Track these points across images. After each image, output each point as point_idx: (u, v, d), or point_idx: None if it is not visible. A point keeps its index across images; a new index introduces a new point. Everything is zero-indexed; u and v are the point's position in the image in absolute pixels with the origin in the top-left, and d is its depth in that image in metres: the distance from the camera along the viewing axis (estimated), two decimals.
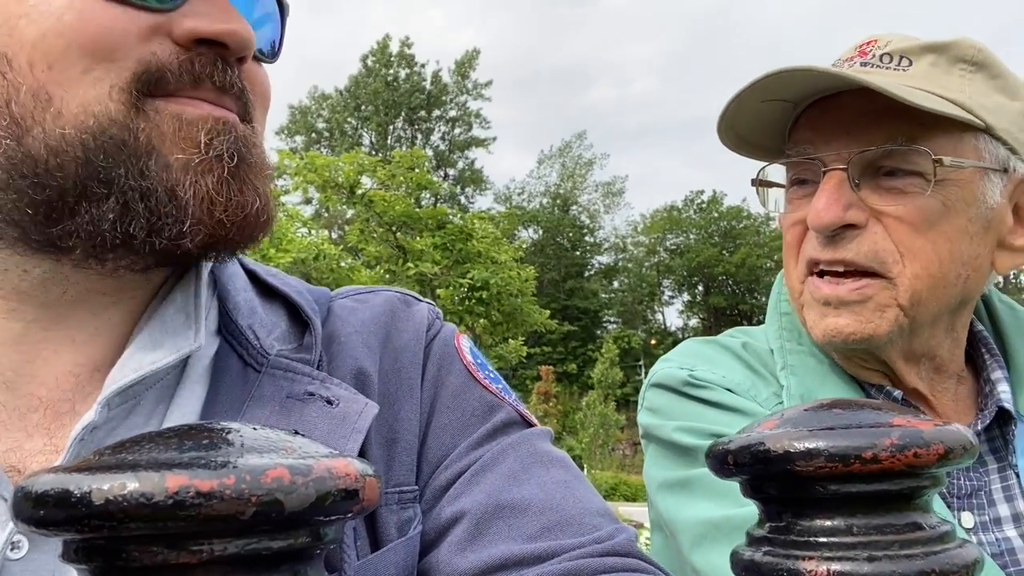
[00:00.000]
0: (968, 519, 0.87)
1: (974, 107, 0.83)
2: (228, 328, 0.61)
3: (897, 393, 0.92)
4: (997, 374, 0.93)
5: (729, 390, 0.92)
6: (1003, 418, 0.91)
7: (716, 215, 50.71)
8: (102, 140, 0.49)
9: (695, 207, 51.83)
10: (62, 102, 0.48)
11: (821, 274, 0.88)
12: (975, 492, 0.89)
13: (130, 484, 0.20)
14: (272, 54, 0.62)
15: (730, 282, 49.49)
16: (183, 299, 0.59)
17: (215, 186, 0.52)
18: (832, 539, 0.27)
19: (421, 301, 0.73)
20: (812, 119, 0.89)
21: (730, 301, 49.27)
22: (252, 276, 0.68)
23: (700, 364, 0.96)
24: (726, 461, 0.29)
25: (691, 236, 50.73)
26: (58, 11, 0.48)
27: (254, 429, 0.24)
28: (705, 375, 0.94)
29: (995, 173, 0.85)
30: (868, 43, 0.90)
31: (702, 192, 52.25)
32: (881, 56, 0.88)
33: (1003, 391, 0.91)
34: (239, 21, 0.53)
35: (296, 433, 0.26)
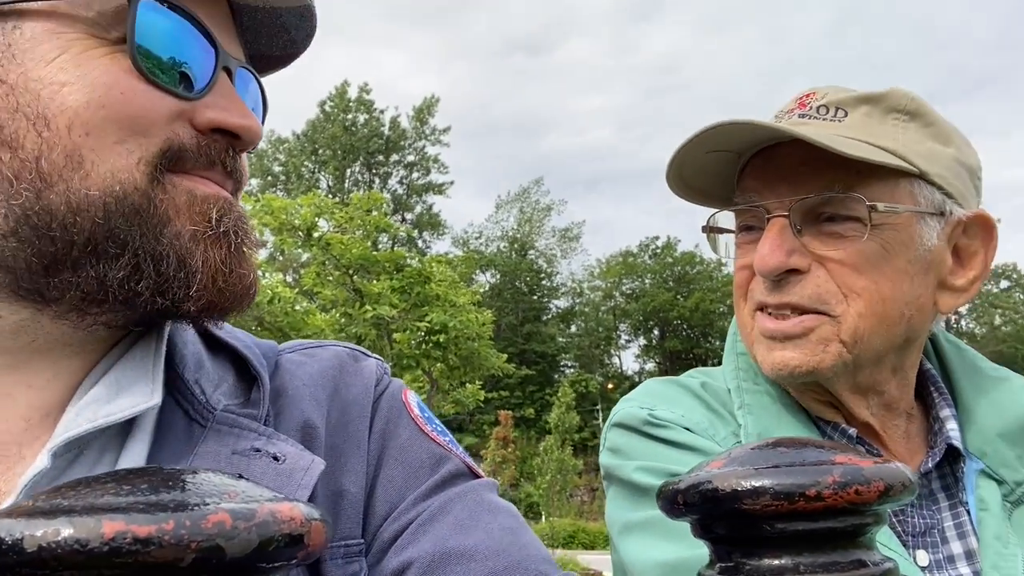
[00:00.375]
0: (923, 557, 0.88)
1: (908, 154, 0.86)
2: (174, 382, 0.61)
3: (852, 431, 0.93)
4: (945, 412, 0.95)
5: (688, 429, 0.93)
6: (953, 455, 0.92)
7: (670, 260, 51.69)
8: (123, 205, 0.52)
9: (649, 252, 52.77)
10: (92, 166, 0.52)
11: (768, 313, 0.90)
12: (928, 530, 0.90)
13: (64, 530, 0.19)
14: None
15: (685, 326, 50.20)
16: (143, 354, 0.59)
17: (223, 259, 0.57)
18: None
19: (370, 356, 0.75)
20: (756, 168, 0.92)
21: (685, 345, 49.89)
22: (200, 328, 0.69)
23: (660, 404, 0.97)
24: (676, 501, 0.30)
25: (646, 281, 51.51)
26: (103, 86, 0.52)
27: (196, 473, 0.23)
28: (665, 415, 0.94)
29: (931, 217, 0.88)
30: (807, 95, 0.94)
31: (656, 238, 53.36)
32: (818, 108, 0.91)
33: (952, 429, 0.93)
34: (252, 118, 0.59)
35: (240, 477, 0.25)
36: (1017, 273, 46.88)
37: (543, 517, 27.10)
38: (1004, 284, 46.94)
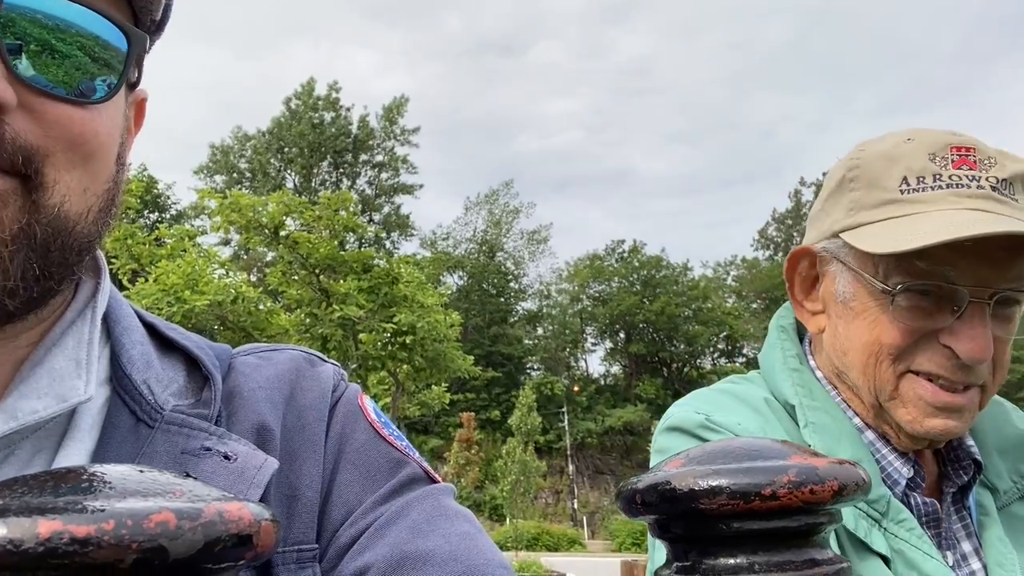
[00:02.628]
0: (950, 558, 0.96)
1: None
2: (121, 382, 0.60)
3: (909, 453, 0.98)
4: None
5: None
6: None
7: (636, 264, 52.08)
8: None
9: (616, 256, 53.12)
10: None
11: (928, 377, 0.91)
12: (951, 535, 0.98)
13: None
14: (88, 95, 0.53)
15: (650, 330, 50.62)
16: (75, 345, 0.57)
17: None
18: None
19: (326, 361, 0.74)
20: (955, 244, 0.86)
21: (650, 349, 50.31)
22: (150, 329, 0.67)
23: (716, 410, 0.98)
24: (634, 500, 0.30)
25: (613, 284, 51.83)
26: None
27: (140, 472, 0.23)
28: (721, 420, 0.96)
29: None
30: (966, 149, 0.90)
31: (623, 242, 53.73)
32: (1002, 183, 0.89)
33: (971, 445, 1.00)
34: None
35: (188, 476, 0.24)
36: None
37: (507, 519, 27.07)
38: None
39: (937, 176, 0.89)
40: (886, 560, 0.87)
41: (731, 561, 0.28)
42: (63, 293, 0.58)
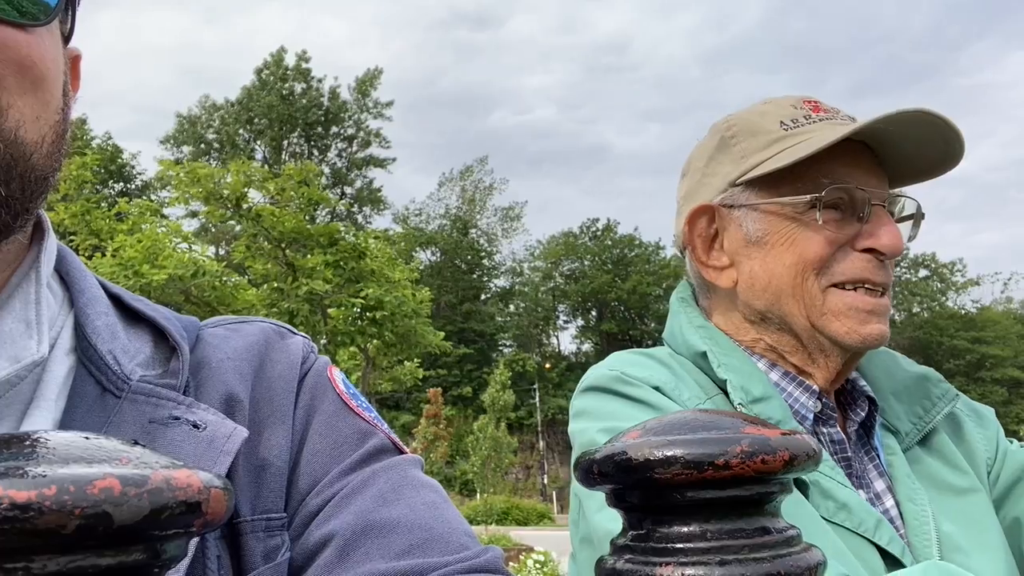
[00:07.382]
0: (863, 495, 0.99)
1: None
2: (86, 353, 0.59)
3: (816, 387, 1.02)
4: (854, 374, 1.08)
5: (657, 388, 0.97)
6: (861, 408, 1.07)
7: (609, 243, 52.36)
8: None
9: (590, 234, 53.32)
10: None
11: (853, 288, 0.99)
12: (862, 473, 1.02)
13: None
14: (28, 15, 0.53)
15: (622, 308, 51.09)
16: (22, 307, 0.56)
17: None
18: (687, 544, 0.28)
19: (296, 334, 0.74)
20: (846, 158, 0.99)
21: (621, 327, 50.80)
22: (116, 301, 0.67)
23: (629, 366, 1.01)
24: (592, 471, 0.30)
25: (585, 262, 52.09)
26: None
27: (86, 439, 0.22)
28: (635, 372, 0.99)
29: None
30: (815, 103, 1.05)
31: (597, 220, 53.91)
32: (843, 117, 1.03)
33: (864, 385, 1.07)
34: None
35: (136, 443, 0.24)
36: (935, 263, 49.29)
37: (478, 494, 27.33)
38: (923, 273, 49.30)
39: (807, 116, 1.01)
40: (804, 489, 0.91)
41: (684, 529, 0.29)
42: (17, 243, 0.57)
